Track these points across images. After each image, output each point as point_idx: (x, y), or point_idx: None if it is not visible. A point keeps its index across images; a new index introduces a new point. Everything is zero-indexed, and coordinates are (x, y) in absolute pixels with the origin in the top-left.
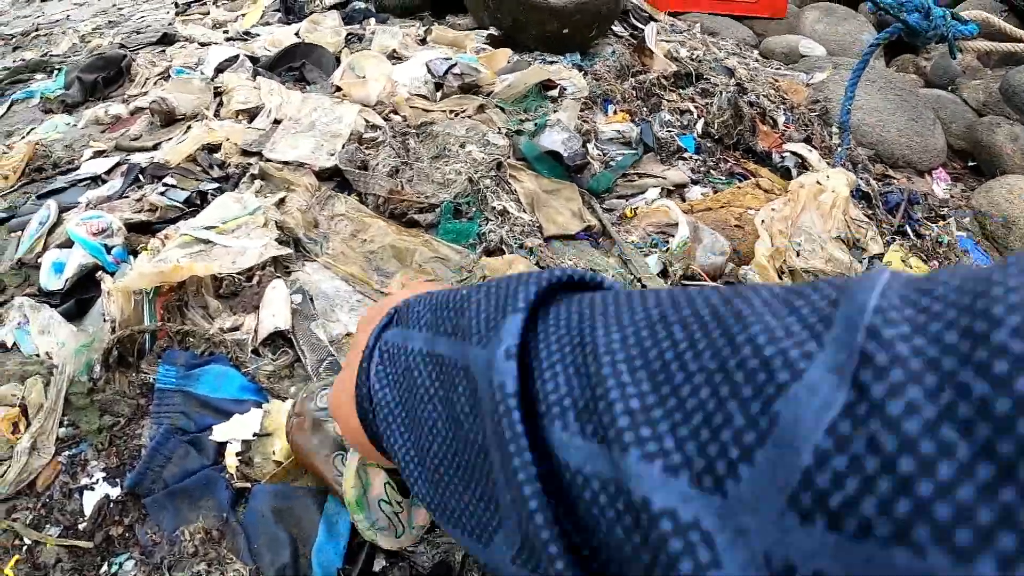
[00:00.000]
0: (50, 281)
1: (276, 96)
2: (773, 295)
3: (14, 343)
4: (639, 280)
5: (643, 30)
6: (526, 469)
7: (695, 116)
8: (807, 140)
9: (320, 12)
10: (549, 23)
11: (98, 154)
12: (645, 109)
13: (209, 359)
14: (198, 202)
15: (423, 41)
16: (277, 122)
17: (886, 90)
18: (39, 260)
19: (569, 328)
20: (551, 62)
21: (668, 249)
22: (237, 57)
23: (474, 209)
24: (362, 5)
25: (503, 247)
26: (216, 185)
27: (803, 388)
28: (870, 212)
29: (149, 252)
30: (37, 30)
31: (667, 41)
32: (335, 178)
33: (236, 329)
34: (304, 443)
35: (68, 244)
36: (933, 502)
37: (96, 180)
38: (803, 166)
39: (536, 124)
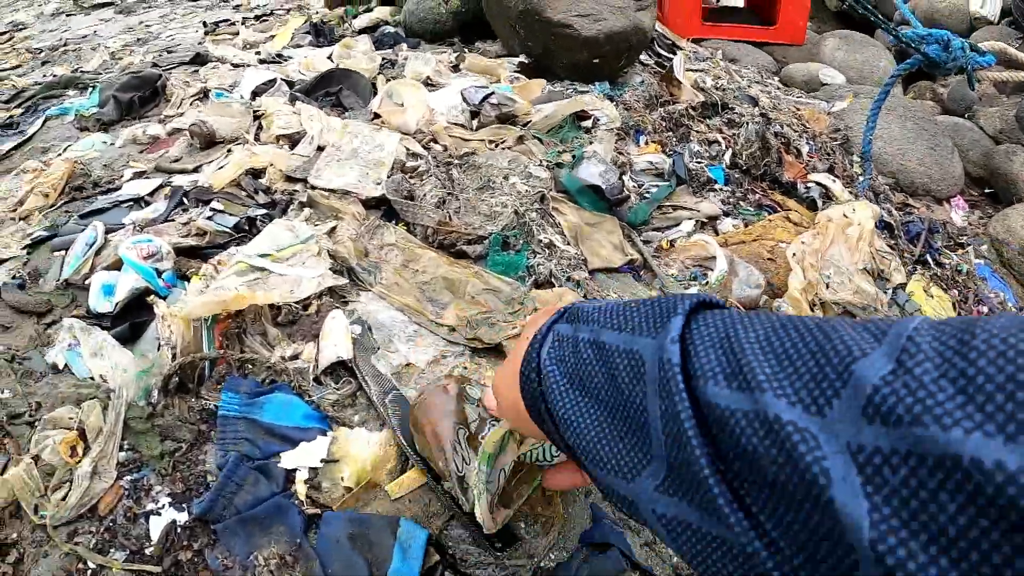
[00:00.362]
0: (99, 303)
1: (317, 122)
2: (848, 323)
3: (65, 364)
4: None
5: (669, 59)
6: (687, 411)
7: (723, 147)
8: (830, 170)
9: (351, 36)
10: (579, 52)
11: (138, 175)
12: (675, 139)
13: (272, 387)
14: (247, 228)
15: (456, 68)
16: (320, 149)
17: (905, 119)
18: (87, 282)
19: (716, 328)
20: (582, 91)
21: (707, 283)
22: (274, 81)
23: (521, 241)
24: (391, 30)
25: (552, 280)
26: (263, 211)
27: (868, 360)
28: (892, 242)
29: (201, 278)
30: (65, 45)
31: (693, 70)
32: (381, 207)
33: (296, 357)
34: (439, 403)
35: (116, 266)
36: (931, 408)
37: (139, 202)
38: (827, 196)
39: (574, 156)
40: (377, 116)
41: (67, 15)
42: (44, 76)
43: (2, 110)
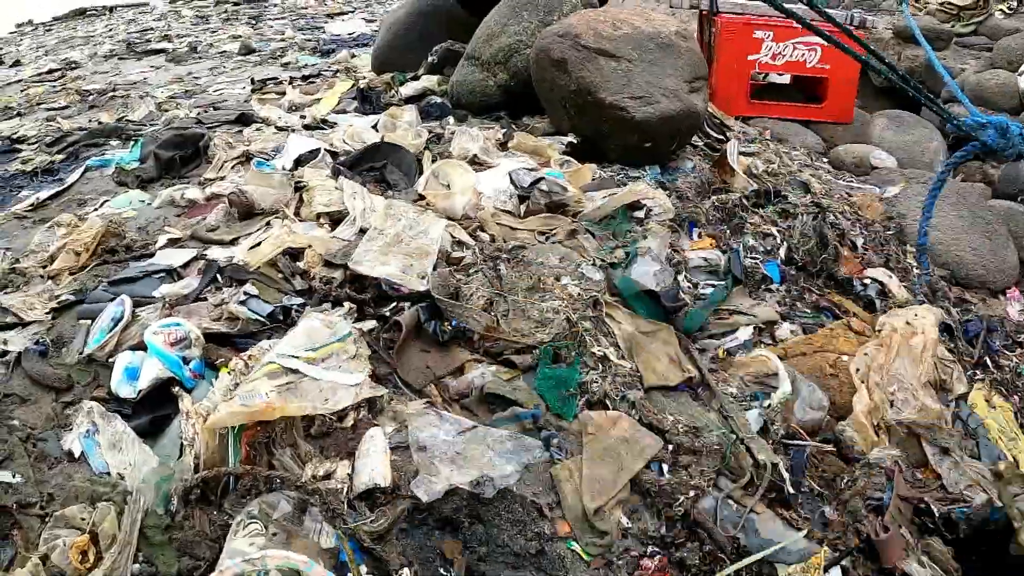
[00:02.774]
0: (122, 387)
1: (360, 201)
2: None
3: (82, 453)
4: (741, 441)
5: (719, 139)
6: None
7: (778, 241)
8: (885, 263)
9: (397, 104)
10: (630, 136)
11: (172, 242)
12: (728, 232)
13: None
14: (281, 318)
15: (503, 145)
16: (361, 231)
17: (958, 205)
18: (110, 359)
19: None
20: (633, 177)
21: (768, 404)
22: (318, 152)
23: (573, 354)
24: (438, 100)
25: (606, 400)
26: (300, 301)
27: None
28: (951, 345)
29: (230, 372)
30: (114, 90)
31: (745, 154)
32: (424, 300)
33: (329, 477)
34: None
35: (142, 345)
36: None
37: (172, 273)
38: (884, 294)
39: (627, 252)
40: (422, 197)
41: (119, 58)
42: (90, 121)
43: (45, 153)
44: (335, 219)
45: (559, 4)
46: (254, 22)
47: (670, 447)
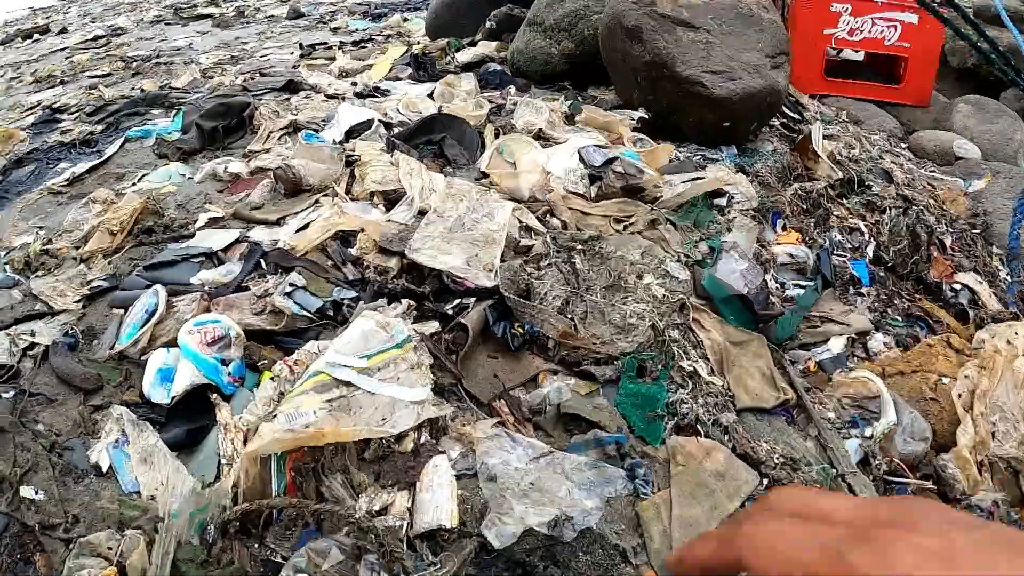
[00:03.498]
0: (155, 391)
1: (417, 179)
2: None
3: (110, 466)
4: (842, 476)
5: (796, 120)
6: None
7: (866, 237)
8: (974, 267)
9: (454, 72)
10: (708, 113)
11: (214, 221)
12: (813, 224)
13: None
14: (331, 313)
15: (569, 119)
16: (420, 213)
17: None
18: (143, 357)
19: None
20: (711, 159)
21: (871, 436)
22: (371, 123)
23: (659, 367)
24: (497, 68)
25: (697, 425)
26: (352, 294)
27: None
28: None
29: (273, 377)
30: (158, 56)
31: (827, 139)
32: (492, 296)
33: (386, 511)
34: None
35: (177, 342)
36: None
37: (211, 257)
38: (975, 302)
39: (711, 246)
40: (485, 176)
41: (166, 24)
42: (132, 89)
43: (85, 124)
44: (390, 198)
45: None
46: None
47: (765, 481)
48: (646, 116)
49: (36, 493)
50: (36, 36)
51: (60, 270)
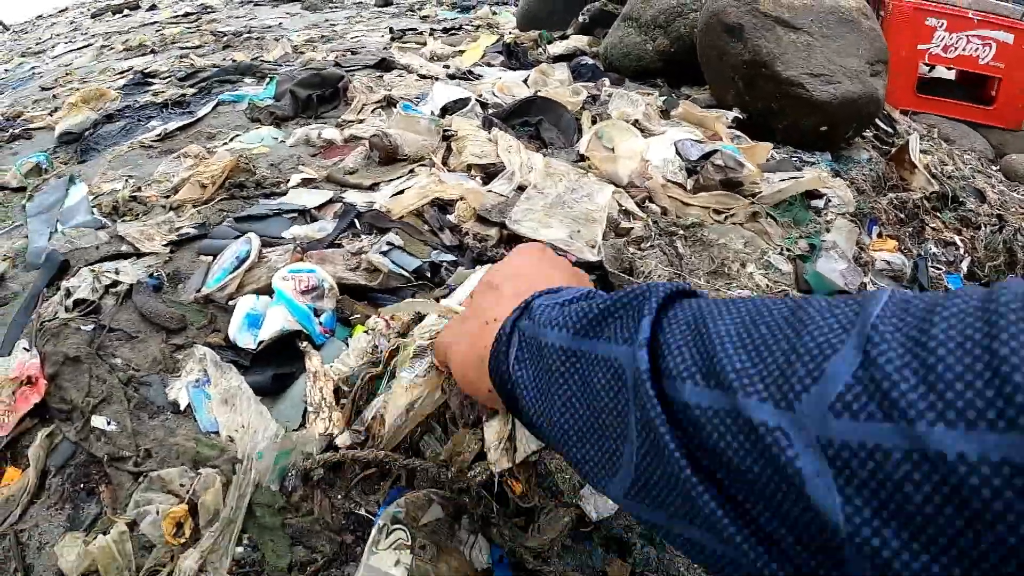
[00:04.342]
0: (241, 336)
1: (516, 155)
2: (821, 306)
3: (188, 405)
4: None
5: (888, 134)
6: (660, 417)
7: (961, 252)
8: None
9: (547, 62)
10: (806, 117)
11: (307, 182)
12: (909, 234)
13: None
14: (428, 274)
15: (665, 114)
16: (519, 188)
17: None
18: (231, 303)
19: (687, 323)
20: (808, 163)
21: None
22: (467, 101)
23: None
24: (590, 61)
25: None
26: (451, 257)
27: (838, 356)
28: None
29: (367, 330)
30: (249, 32)
31: (924, 153)
32: (594, 273)
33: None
34: None
35: (267, 290)
36: (896, 401)
37: (304, 214)
38: None
39: (811, 243)
40: (583, 158)
41: (255, 4)
42: (223, 60)
43: (176, 87)
44: (488, 172)
45: None
46: None
47: None
48: (741, 116)
49: (108, 424)
50: (126, 11)
51: (148, 216)
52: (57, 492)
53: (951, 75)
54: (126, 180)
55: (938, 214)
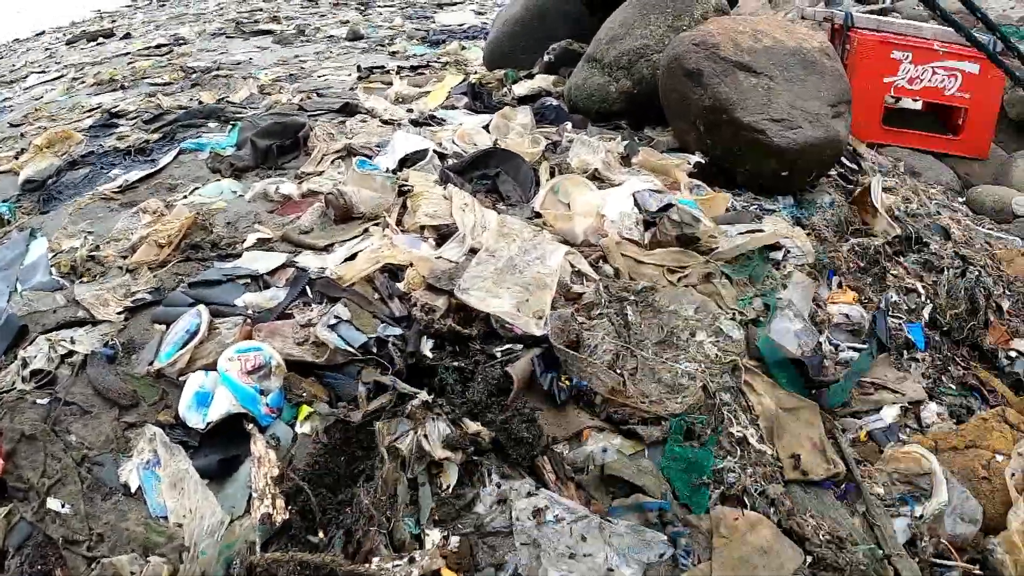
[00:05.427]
0: (190, 415)
1: (470, 214)
2: None
3: (139, 488)
4: (888, 559)
5: (853, 171)
6: None
7: (923, 299)
8: None
9: (510, 104)
10: (766, 162)
11: (262, 242)
12: (869, 281)
13: None
14: (374, 350)
15: (625, 160)
16: (471, 251)
17: None
18: (181, 378)
19: None
20: (768, 210)
21: (921, 516)
22: (425, 153)
23: (708, 431)
24: (554, 102)
25: (744, 496)
26: (398, 331)
27: None
28: None
29: (309, 418)
30: (218, 69)
31: (885, 190)
32: (541, 344)
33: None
34: None
35: (216, 366)
36: None
37: (257, 280)
38: None
39: (766, 303)
40: (538, 215)
41: (227, 37)
42: (191, 100)
43: (141, 131)
44: (442, 233)
45: (689, 8)
46: (363, 8)
47: (809, 559)
48: (703, 161)
49: (63, 506)
50: (101, 39)
51: (105, 278)
52: (16, 574)
53: (917, 106)
54: (85, 237)
55: (900, 259)
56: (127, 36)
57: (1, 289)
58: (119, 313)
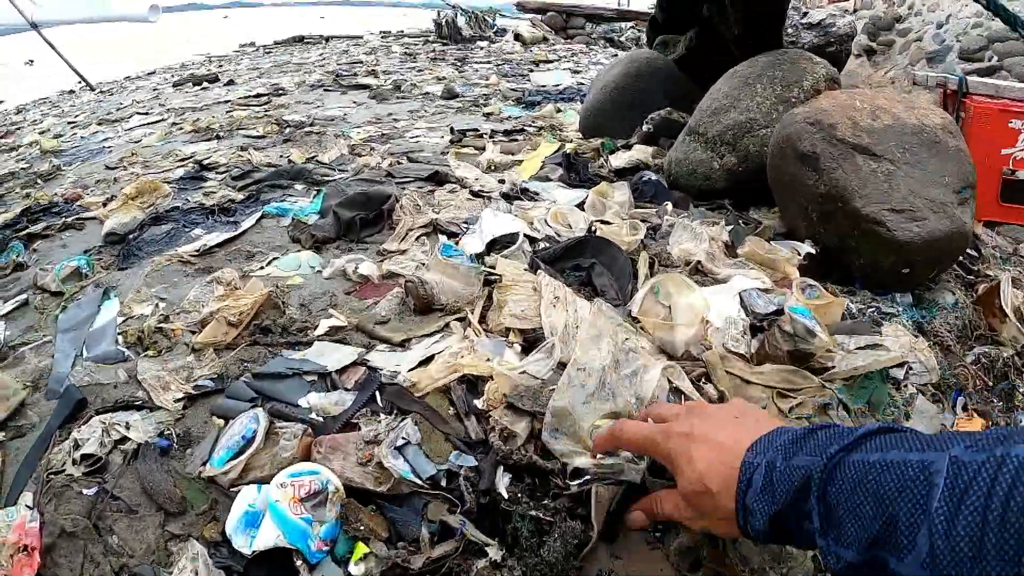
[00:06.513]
0: (237, 536)
1: (561, 311)
2: None
3: None
4: None
5: (973, 258)
6: None
7: None
8: None
9: (607, 177)
10: (885, 257)
11: (335, 330)
12: (996, 401)
13: None
14: (444, 483)
15: (731, 249)
16: (560, 364)
17: None
18: (233, 489)
19: None
20: (886, 314)
21: None
22: (515, 237)
23: None
24: (653, 177)
25: None
26: (472, 462)
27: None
28: None
29: (364, 559)
30: (312, 124)
31: (1017, 285)
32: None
33: None
34: None
35: (271, 478)
36: None
37: (324, 378)
38: None
39: None
40: (636, 319)
41: (325, 89)
42: (281, 156)
43: (228, 187)
44: (528, 338)
45: (799, 77)
46: (459, 64)
47: None
48: (814, 251)
49: None
50: (205, 84)
51: (170, 354)
52: None
53: None
54: (156, 304)
55: None
56: (231, 83)
57: (67, 351)
58: (178, 401)
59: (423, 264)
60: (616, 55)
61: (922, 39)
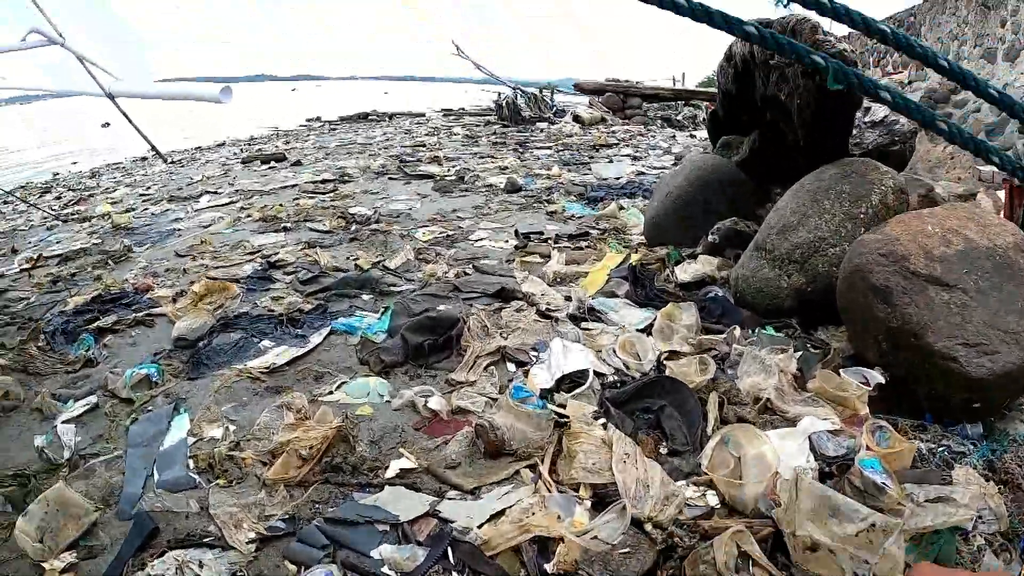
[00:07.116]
0: None
1: (631, 468)
2: None
3: None
4: None
5: None
6: None
7: None
8: None
9: (674, 291)
10: (956, 389)
11: (406, 472)
12: None
13: None
14: None
15: (800, 380)
16: (633, 523)
17: None
18: None
19: None
20: (956, 452)
21: None
22: (585, 376)
23: None
24: (719, 293)
25: None
26: None
27: None
28: None
29: None
30: (377, 221)
31: None
32: None
33: None
34: None
35: None
36: None
37: (396, 528)
38: None
39: None
40: (705, 473)
41: (389, 177)
42: (348, 259)
43: (296, 293)
44: (599, 494)
45: (867, 191)
46: (520, 148)
47: None
48: (883, 380)
49: None
50: (273, 163)
51: (241, 486)
52: None
53: None
54: (227, 427)
55: None
56: (298, 163)
57: (138, 469)
58: (251, 542)
59: (492, 400)
60: (674, 136)
61: (980, 110)
